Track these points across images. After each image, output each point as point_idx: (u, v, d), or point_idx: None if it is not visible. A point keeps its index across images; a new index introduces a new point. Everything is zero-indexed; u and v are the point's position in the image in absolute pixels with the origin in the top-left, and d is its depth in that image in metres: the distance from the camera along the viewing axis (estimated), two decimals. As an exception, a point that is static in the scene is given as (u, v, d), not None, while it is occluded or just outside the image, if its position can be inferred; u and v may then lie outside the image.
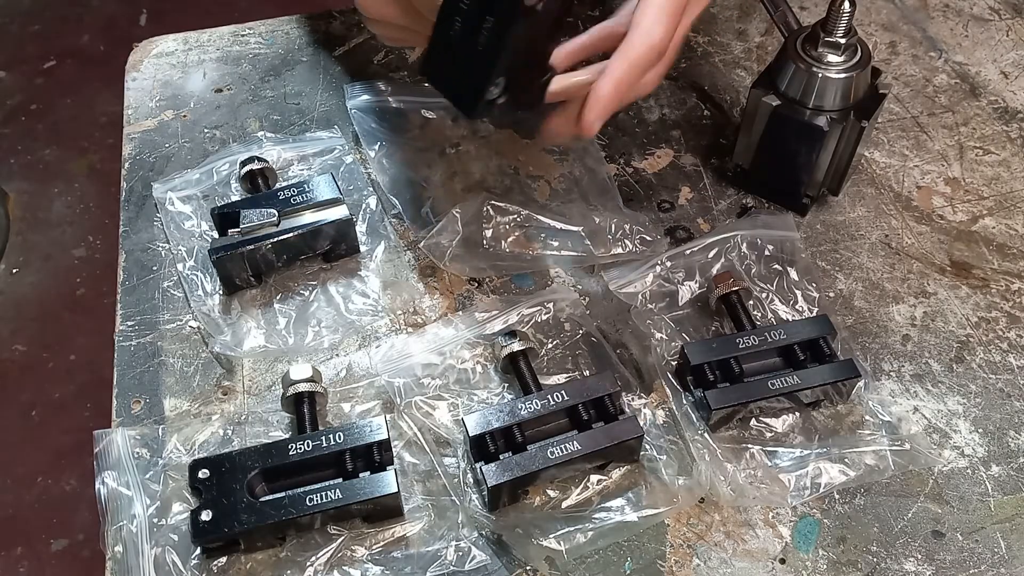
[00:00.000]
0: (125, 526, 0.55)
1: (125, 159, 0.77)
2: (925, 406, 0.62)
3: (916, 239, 0.72)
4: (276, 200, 0.66)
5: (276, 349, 0.64)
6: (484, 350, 0.64)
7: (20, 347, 1.71)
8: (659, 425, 0.61)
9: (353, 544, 0.56)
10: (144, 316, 0.67)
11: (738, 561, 0.56)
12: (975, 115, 0.80)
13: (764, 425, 0.61)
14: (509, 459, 0.55)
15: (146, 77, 0.83)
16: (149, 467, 0.58)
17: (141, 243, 0.71)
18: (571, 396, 0.58)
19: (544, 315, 0.66)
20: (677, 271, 0.67)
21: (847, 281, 0.69)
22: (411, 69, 0.83)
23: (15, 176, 1.96)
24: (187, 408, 0.62)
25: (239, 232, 0.65)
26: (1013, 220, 0.73)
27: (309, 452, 0.56)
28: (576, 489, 0.58)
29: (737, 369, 0.60)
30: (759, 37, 0.87)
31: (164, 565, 0.54)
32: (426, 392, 0.61)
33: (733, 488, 0.57)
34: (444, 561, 0.55)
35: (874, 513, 0.58)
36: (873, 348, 0.65)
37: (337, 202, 0.67)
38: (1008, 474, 0.59)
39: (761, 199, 0.74)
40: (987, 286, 0.69)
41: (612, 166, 0.76)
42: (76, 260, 1.83)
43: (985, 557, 0.56)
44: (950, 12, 0.89)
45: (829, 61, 0.65)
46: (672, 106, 0.81)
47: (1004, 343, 0.66)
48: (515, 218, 0.69)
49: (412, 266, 0.69)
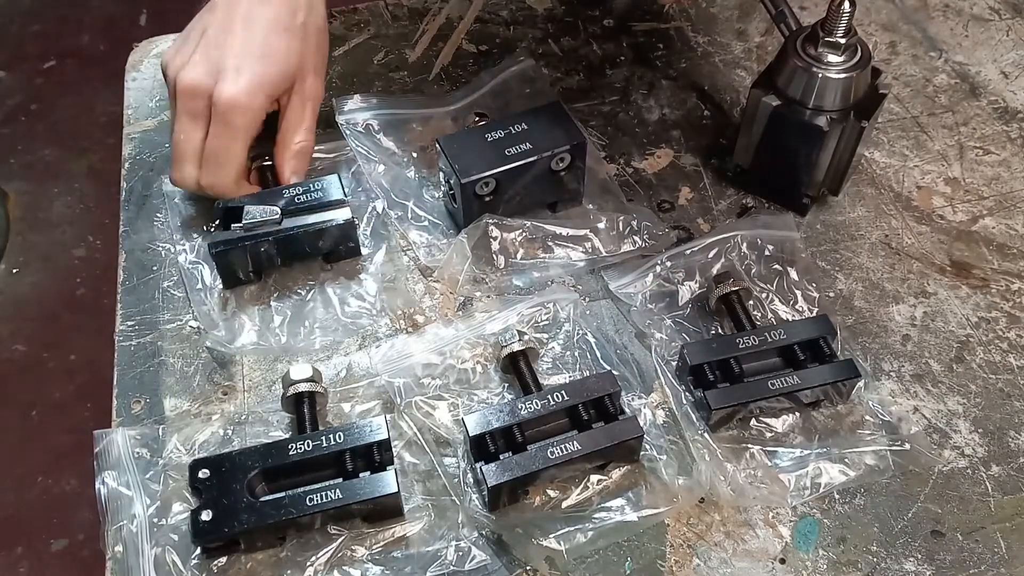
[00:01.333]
0: (125, 526, 0.55)
1: (125, 159, 0.77)
2: (925, 406, 0.62)
3: (916, 239, 0.72)
4: (281, 198, 0.66)
5: (267, 347, 0.64)
6: (484, 350, 0.64)
7: (20, 347, 1.71)
8: (659, 425, 0.61)
9: (353, 544, 0.56)
10: (144, 316, 0.67)
11: (738, 561, 0.56)
12: (975, 115, 0.80)
13: (764, 425, 0.61)
14: (509, 459, 0.55)
15: (146, 77, 0.83)
16: (149, 467, 0.58)
17: (141, 243, 0.71)
18: (571, 396, 0.58)
19: (544, 315, 0.66)
20: (677, 271, 0.67)
21: (847, 281, 0.69)
22: (411, 69, 0.84)
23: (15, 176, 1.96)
24: (187, 408, 0.62)
25: (241, 227, 0.65)
26: (1013, 220, 0.73)
27: (309, 452, 0.56)
28: (576, 489, 0.58)
29: (737, 369, 0.60)
30: (759, 37, 0.87)
31: (164, 565, 0.54)
32: (426, 392, 0.61)
33: (733, 488, 0.57)
34: (444, 561, 0.55)
35: (874, 513, 0.58)
36: (873, 348, 0.65)
37: (341, 203, 0.67)
38: (1008, 474, 0.59)
39: (761, 199, 0.74)
40: (987, 286, 0.69)
41: (612, 166, 0.76)
42: (76, 260, 1.83)
43: (985, 557, 0.56)
44: (950, 12, 0.89)
45: (829, 61, 0.65)
46: (672, 106, 0.81)
47: (1004, 343, 0.66)
48: (520, 232, 0.69)
49: (412, 266, 0.69)
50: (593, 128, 0.79)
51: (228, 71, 0.63)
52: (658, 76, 0.83)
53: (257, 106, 0.64)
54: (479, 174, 0.66)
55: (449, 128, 0.77)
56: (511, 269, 0.68)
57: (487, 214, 0.68)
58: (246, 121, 0.64)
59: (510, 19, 0.88)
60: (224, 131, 0.64)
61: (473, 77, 0.82)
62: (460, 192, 0.66)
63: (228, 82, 0.63)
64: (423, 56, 0.85)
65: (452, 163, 0.66)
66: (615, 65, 0.84)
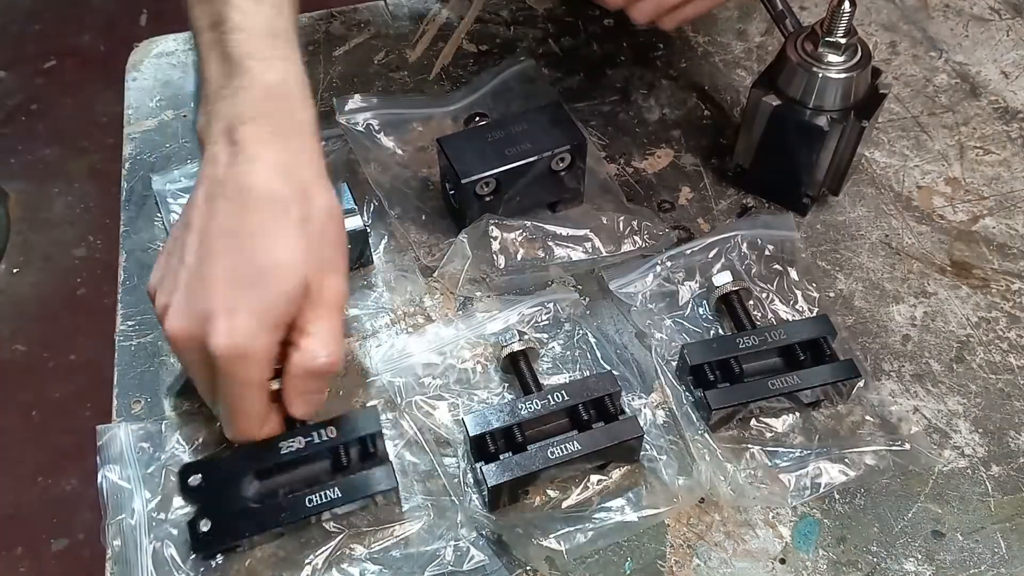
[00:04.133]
0: (124, 520, 0.56)
1: (125, 159, 0.77)
2: (925, 406, 0.62)
3: (916, 239, 0.72)
4: None
5: None
6: (484, 350, 0.64)
7: (20, 347, 1.71)
8: (659, 425, 0.61)
9: (352, 543, 0.56)
10: (144, 316, 0.67)
11: (738, 561, 0.56)
12: (975, 115, 0.80)
13: (764, 425, 0.61)
14: (509, 459, 0.55)
15: (146, 77, 0.83)
16: (151, 462, 0.58)
17: (141, 243, 0.71)
18: (571, 396, 0.58)
19: (544, 315, 0.66)
20: (677, 271, 0.67)
21: (847, 281, 0.69)
22: (411, 69, 0.84)
23: (15, 176, 1.96)
24: (187, 408, 0.62)
25: None
26: (1013, 220, 0.73)
27: (302, 450, 0.55)
28: (576, 489, 0.58)
29: (737, 369, 0.60)
30: (759, 37, 0.87)
31: (163, 559, 0.54)
32: (426, 392, 0.61)
33: (733, 488, 0.57)
34: (443, 560, 0.55)
35: (874, 513, 0.58)
36: (873, 348, 0.65)
37: (351, 212, 0.65)
38: (1008, 474, 0.59)
39: (761, 199, 0.74)
40: (987, 286, 0.69)
41: (612, 166, 0.76)
42: (76, 260, 1.83)
43: (985, 557, 0.56)
44: (950, 12, 0.89)
45: (829, 61, 0.65)
46: (672, 106, 0.81)
47: (1004, 343, 0.66)
48: (520, 232, 0.69)
49: (412, 266, 0.69)
50: (593, 128, 0.79)
51: (218, 315, 0.49)
52: (658, 76, 0.83)
53: (262, 349, 0.51)
54: (479, 174, 0.66)
55: (449, 128, 0.77)
56: (511, 269, 0.68)
57: (487, 214, 0.68)
58: (254, 372, 0.51)
59: (510, 19, 0.88)
60: (232, 387, 0.51)
61: (473, 77, 0.82)
62: (460, 192, 0.66)
63: (220, 332, 0.49)
64: (423, 56, 0.85)
65: (452, 163, 0.66)
66: (615, 65, 0.84)
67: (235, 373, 0.50)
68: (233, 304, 0.50)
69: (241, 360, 0.50)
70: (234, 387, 0.51)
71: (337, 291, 0.54)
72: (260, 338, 0.50)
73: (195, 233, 0.52)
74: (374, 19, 0.88)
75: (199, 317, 0.50)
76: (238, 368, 0.50)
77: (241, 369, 0.50)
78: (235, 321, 0.49)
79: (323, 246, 0.53)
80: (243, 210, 0.52)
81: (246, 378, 0.51)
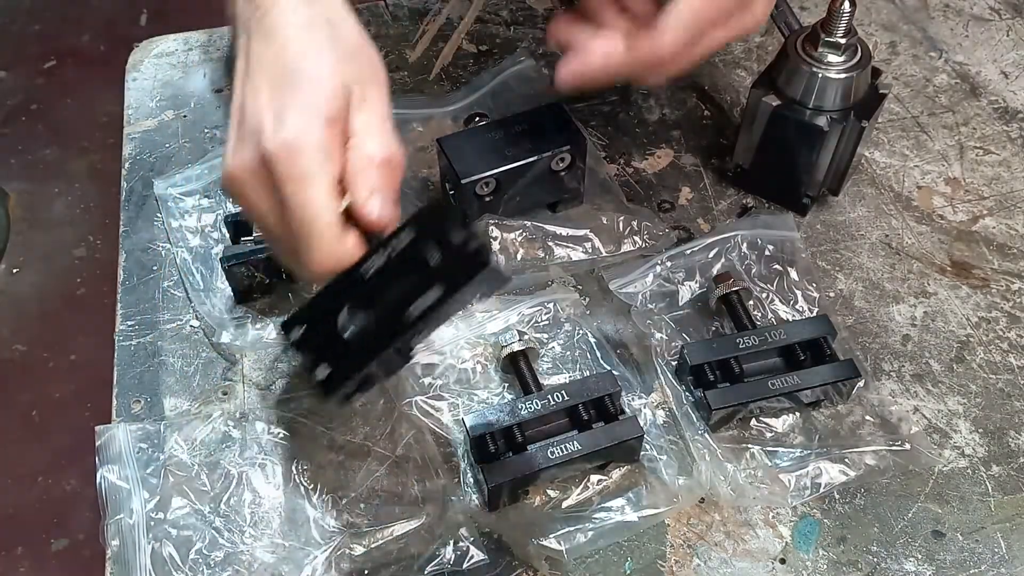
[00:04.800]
0: (123, 520, 0.56)
1: (125, 159, 0.77)
2: (925, 406, 0.62)
3: (916, 239, 0.72)
4: None
5: (274, 341, 0.64)
6: (484, 350, 0.64)
7: (20, 347, 1.71)
8: (659, 425, 0.61)
9: (352, 543, 0.56)
10: (144, 316, 0.67)
11: (738, 561, 0.56)
12: (975, 115, 0.80)
13: (764, 425, 0.61)
14: (509, 459, 0.55)
15: (146, 77, 0.83)
16: (150, 462, 0.58)
17: (141, 243, 0.71)
18: (571, 396, 0.58)
19: (544, 315, 0.66)
20: (677, 271, 0.67)
21: (847, 281, 0.69)
22: (411, 69, 0.84)
23: (15, 176, 1.96)
24: (187, 408, 0.62)
25: (252, 240, 0.64)
26: (1013, 220, 0.73)
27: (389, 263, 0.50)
28: (576, 489, 0.58)
29: (737, 369, 0.60)
30: (759, 37, 0.87)
31: (161, 559, 0.54)
32: (426, 392, 0.61)
33: (733, 488, 0.57)
34: (442, 560, 0.55)
35: (874, 513, 0.58)
36: (873, 348, 0.65)
37: None
38: (1008, 474, 0.59)
39: (761, 199, 0.74)
40: (987, 286, 0.69)
41: (612, 166, 0.76)
42: (76, 260, 1.83)
43: (985, 557, 0.56)
44: (950, 12, 0.89)
45: (829, 61, 0.65)
46: (672, 106, 0.81)
47: (1004, 343, 0.66)
48: (520, 232, 0.69)
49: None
50: (593, 128, 0.79)
51: (267, 124, 0.50)
52: (658, 76, 0.83)
53: (315, 141, 0.49)
54: (479, 174, 0.66)
55: (449, 128, 0.77)
56: (511, 269, 0.68)
57: (487, 214, 0.68)
58: (313, 164, 0.49)
59: (510, 19, 0.88)
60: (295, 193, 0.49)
61: (473, 77, 0.82)
62: (460, 192, 0.66)
63: (270, 133, 0.49)
64: (423, 56, 0.85)
65: (452, 163, 0.66)
66: (615, 65, 0.84)
67: (292, 172, 0.49)
68: (279, 109, 0.50)
69: (296, 155, 0.49)
70: (297, 192, 0.49)
71: (381, 100, 0.54)
72: (311, 132, 0.49)
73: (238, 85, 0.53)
74: (374, 19, 0.88)
75: (252, 141, 0.50)
76: (295, 164, 0.49)
77: (298, 164, 0.49)
78: (283, 120, 0.49)
79: (357, 61, 0.55)
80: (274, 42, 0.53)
81: (306, 172, 0.49)
